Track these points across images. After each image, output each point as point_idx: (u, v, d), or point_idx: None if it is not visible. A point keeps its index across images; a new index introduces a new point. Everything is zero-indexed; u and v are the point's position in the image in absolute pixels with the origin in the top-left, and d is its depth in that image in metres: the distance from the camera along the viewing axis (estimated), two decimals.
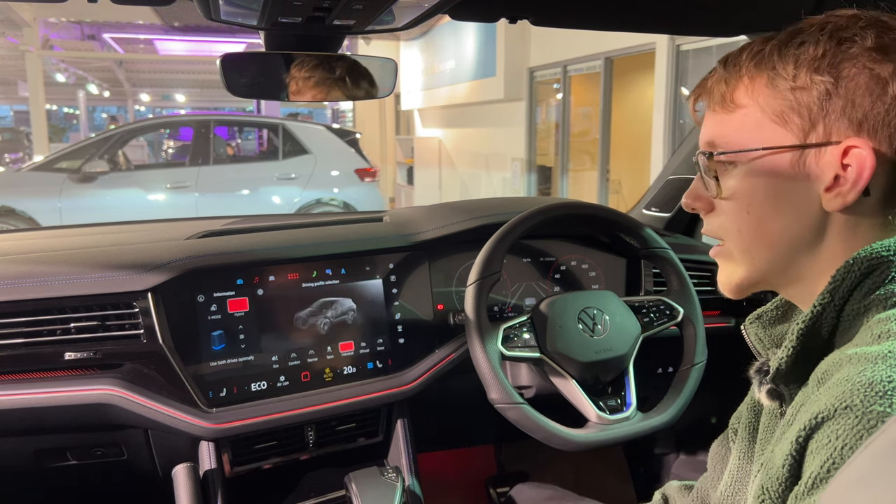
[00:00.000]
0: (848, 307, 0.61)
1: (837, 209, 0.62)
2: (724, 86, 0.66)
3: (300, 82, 1.05)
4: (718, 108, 0.67)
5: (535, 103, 8.14)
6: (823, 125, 0.61)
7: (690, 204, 0.72)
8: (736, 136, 0.66)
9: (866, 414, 0.49)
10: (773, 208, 0.65)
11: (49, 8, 10.71)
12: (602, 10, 1.15)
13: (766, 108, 0.64)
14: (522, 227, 1.24)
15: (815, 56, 0.61)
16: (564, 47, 7.12)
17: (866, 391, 0.50)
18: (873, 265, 0.60)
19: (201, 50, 13.82)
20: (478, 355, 1.15)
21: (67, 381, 1.10)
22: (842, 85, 0.60)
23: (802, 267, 0.66)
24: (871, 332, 0.56)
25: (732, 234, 0.69)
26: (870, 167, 0.59)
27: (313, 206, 6.42)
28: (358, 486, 1.11)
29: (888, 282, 0.59)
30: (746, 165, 0.65)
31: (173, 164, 8.59)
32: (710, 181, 0.69)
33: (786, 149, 0.63)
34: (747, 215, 0.67)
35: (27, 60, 10.92)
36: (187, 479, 1.14)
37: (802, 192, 0.63)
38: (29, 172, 6.50)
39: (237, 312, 1.19)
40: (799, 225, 0.64)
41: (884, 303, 0.59)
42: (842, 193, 0.61)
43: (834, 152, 0.61)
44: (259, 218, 1.63)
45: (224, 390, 1.16)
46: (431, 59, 10.62)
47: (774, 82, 0.63)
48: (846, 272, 0.60)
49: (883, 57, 0.60)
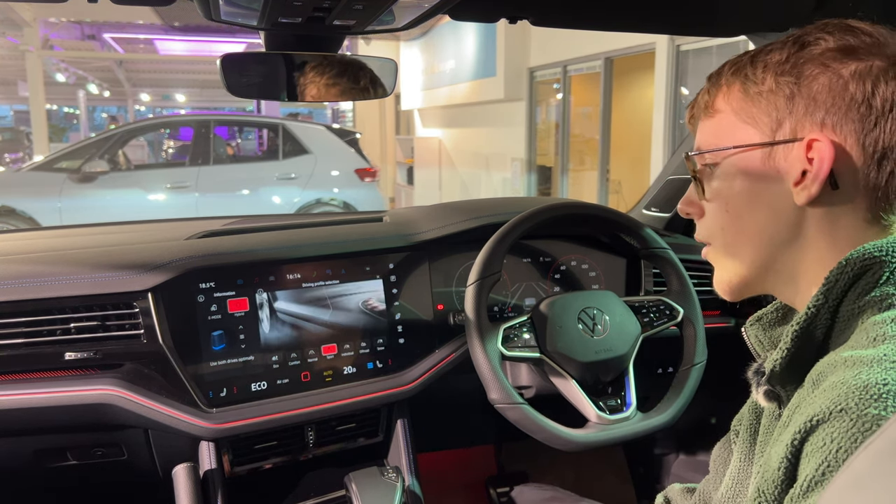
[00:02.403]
0: (843, 308, 0.62)
1: (805, 202, 0.64)
2: (707, 95, 0.71)
3: (300, 83, 1.05)
4: (703, 115, 0.72)
5: (535, 103, 8.15)
6: (790, 123, 0.64)
7: (685, 209, 0.76)
8: (714, 139, 0.70)
9: (861, 417, 0.49)
10: (748, 205, 0.68)
11: (49, 8, 10.72)
12: (602, 10, 1.15)
13: (739, 112, 0.68)
14: (522, 227, 1.24)
15: (780, 60, 0.65)
16: (564, 47, 7.12)
17: (861, 394, 0.50)
18: (866, 266, 0.60)
19: (201, 50, 13.82)
20: (478, 355, 1.15)
21: (67, 381, 1.10)
22: (804, 84, 0.63)
23: (789, 264, 0.68)
24: (867, 334, 0.57)
25: (717, 234, 0.72)
26: (829, 158, 0.61)
27: (313, 206, 6.41)
28: (358, 486, 1.11)
29: (882, 283, 0.60)
30: (723, 166, 0.69)
31: (173, 164, 8.59)
32: (697, 185, 0.73)
33: (755, 146, 0.66)
34: (727, 213, 0.70)
35: (27, 60, 10.92)
36: (187, 479, 1.14)
37: (775, 188, 0.66)
38: (29, 172, 6.50)
39: (237, 312, 1.19)
40: (775, 221, 0.67)
41: (879, 304, 0.59)
42: (807, 186, 0.63)
43: (799, 148, 0.63)
44: (259, 218, 1.63)
45: (224, 390, 1.16)
46: (431, 58, 10.62)
47: (746, 87, 0.67)
48: (839, 273, 0.61)
49: (844, 57, 0.63)
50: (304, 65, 1.04)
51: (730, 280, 0.73)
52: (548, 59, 7.60)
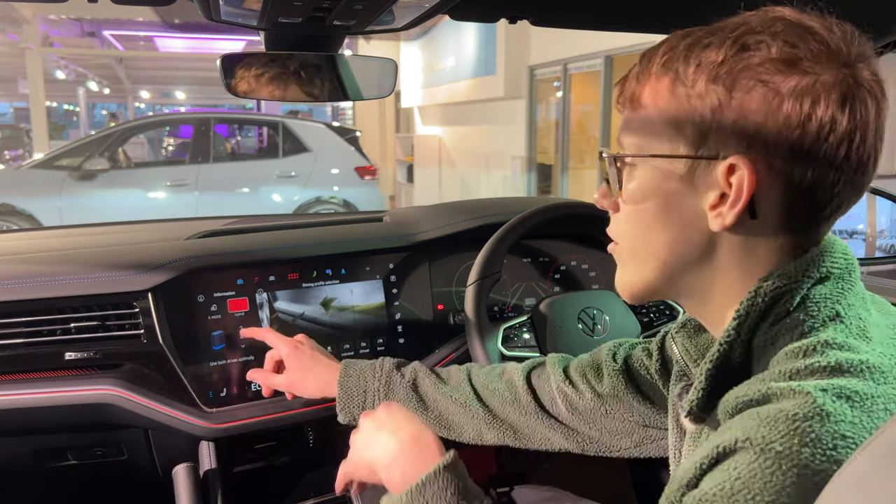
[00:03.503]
0: (756, 339, 0.59)
1: (719, 230, 0.58)
2: (635, 83, 0.62)
3: (300, 82, 1.04)
4: (628, 105, 0.64)
5: (535, 101, 8.13)
6: (715, 138, 0.57)
7: (599, 201, 0.69)
8: (636, 138, 0.63)
9: (765, 452, 0.49)
10: (660, 220, 0.62)
11: (49, 6, 10.70)
12: (602, 10, 1.15)
13: (664, 113, 0.60)
14: (522, 227, 1.24)
15: (714, 62, 0.57)
16: (565, 46, 7.11)
17: (769, 429, 0.49)
18: (777, 296, 0.58)
19: (201, 47, 13.81)
20: (478, 355, 1.15)
21: (67, 381, 1.11)
22: (735, 97, 0.56)
23: (697, 284, 0.63)
24: (780, 365, 0.55)
25: (625, 238, 0.66)
26: (748, 189, 0.56)
27: (313, 204, 6.41)
28: (358, 487, 1.11)
29: (794, 310, 0.58)
30: (640, 170, 0.62)
31: (173, 161, 8.58)
32: (613, 180, 0.65)
33: (677, 158, 0.59)
34: (637, 223, 0.64)
35: (27, 57, 10.92)
36: (187, 479, 1.14)
37: (690, 206, 0.60)
38: (29, 170, 6.50)
39: (237, 312, 1.19)
40: (686, 241, 0.61)
41: (790, 332, 0.57)
42: (722, 213, 0.58)
43: (720, 168, 0.57)
44: (259, 218, 1.63)
45: (224, 390, 1.16)
46: (432, 56, 10.61)
47: (675, 87, 0.59)
48: (750, 305, 0.58)
49: (786, 69, 0.55)
50: (304, 64, 1.04)
51: (632, 284, 0.67)
52: (548, 58, 7.59)
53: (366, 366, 1.05)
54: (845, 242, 0.64)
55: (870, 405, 0.51)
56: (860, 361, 0.53)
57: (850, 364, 0.53)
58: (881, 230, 2.13)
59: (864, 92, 0.56)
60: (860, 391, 0.51)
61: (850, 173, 0.57)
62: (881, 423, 0.50)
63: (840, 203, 0.59)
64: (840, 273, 0.59)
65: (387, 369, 1.05)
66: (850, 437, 0.49)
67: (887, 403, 0.51)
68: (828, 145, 0.55)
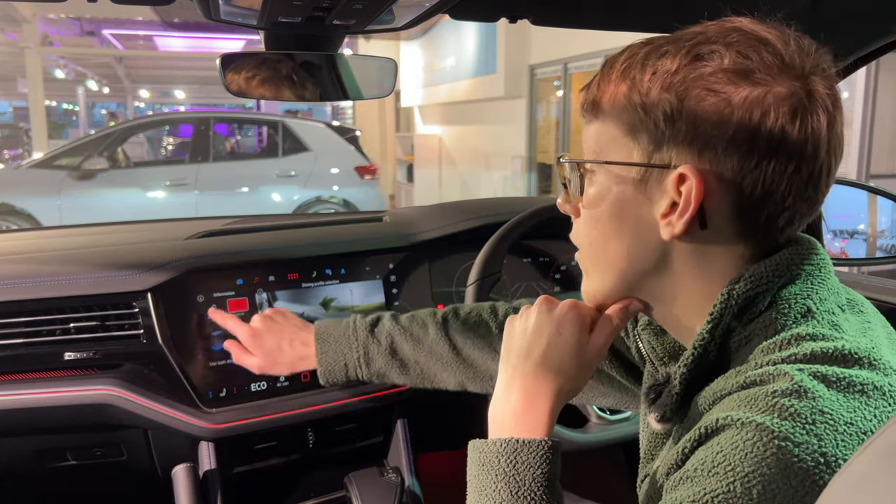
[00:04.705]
0: (731, 340, 0.60)
1: (669, 238, 0.59)
2: (596, 89, 0.63)
3: (300, 82, 1.04)
4: (589, 110, 0.64)
5: (535, 101, 8.14)
6: (667, 147, 0.57)
7: (561, 206, 0.69)
8: (594, 144, 0.63)
9: (745, 425, 0.50)
10: (616, 228, 0.62)
11: (49, 6, 10.69)
12: (602, 9, 1.15)
13: (621, 120, 0.60)
14: (523, 226, 1.24)
15: (669, 70, 0.57)
16: (565, 45, 7.11)
17: (750, 406, 0.51)
18: (749, 297, 0.58)
19: (201, 46, 13.80)
20: None
21: (67, 381, 1.10)
22: (687, 106, 0.56)
23: (658, 289, 0.64)
24: (757, 361, 0.56)
25: (585, 247, 0.67)
26: (696, 199, 0.56)
27: (313, 204, 6.42)
28: (358, 487, 1.11)
29: (766, 309, 0.58)
30: (598, 176, 0.63)
31: (173, 161, 8.58)
32: (574, 185, 0.65)
33: (631, 166, 0.60)
34: (594, 231, 0.64)
35: (26, 56, 10.91)
36: (187, 480, 1.14)
37: (644, 214, 0.60)
38: (29, 170, 6.50)
39: (237, 312, 1.19)
40: (642, 249, 0.61)
41: (764, 330, 0.58)
42: (671, 223, 0.58)
43: (671, 177, 0.57)
44: (259, 218, 1.63)
45: (224, 390, 1.16)
46: (432, 55, 10.61)
47: (631, 93, 0.59)
48: (723, 308, 0.58)
49: (738, 80, 0.55)
50: (304, 64, 1.04)
51: (594, 293, 0.68)
52: (548, 57, 7.59)
53: (340, 335, 1.04)
54: (845, 242, 0.64)
55: (845, 385, 0.52)
56: (835, 349, 0.54)
57: (825, 352, 0.54)
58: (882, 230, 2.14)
59: (817, 105, 0.56)
60: (836, 372, 0.52)
61: (800, 187, 0.57)
62: (857, 404, 0.51)
63: (793, 216, 0.59)
64: (811, 270, 0.60)
65: (362, 338, 1.03)
66: (828, 412, 0.49)
67: (864, 385, 0.52)
68: (777, 157, 0.55)
